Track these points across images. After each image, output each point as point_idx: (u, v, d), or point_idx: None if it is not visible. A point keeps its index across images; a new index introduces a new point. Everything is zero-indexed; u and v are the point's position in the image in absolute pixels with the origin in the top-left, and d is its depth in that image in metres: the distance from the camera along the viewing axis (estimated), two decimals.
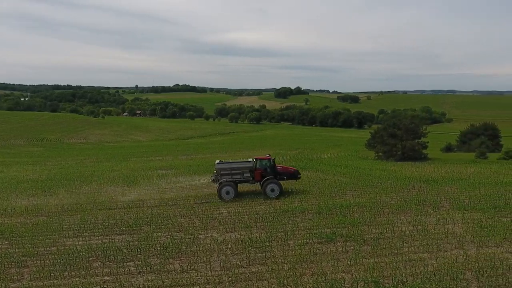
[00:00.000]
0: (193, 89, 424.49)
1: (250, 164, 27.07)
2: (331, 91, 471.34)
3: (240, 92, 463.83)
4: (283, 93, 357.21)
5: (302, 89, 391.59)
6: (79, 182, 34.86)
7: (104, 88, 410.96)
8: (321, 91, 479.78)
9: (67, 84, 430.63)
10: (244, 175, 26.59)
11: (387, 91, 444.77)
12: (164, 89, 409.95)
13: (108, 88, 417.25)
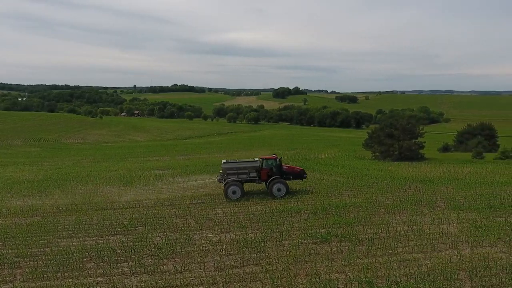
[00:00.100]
0: (192, 89, 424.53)
1: (256, 163, 27.11)
2: (329, 91, 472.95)
3: (239, 92, 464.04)
4: (281, 93, 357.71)
5: (300, 89, 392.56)
6: (75, 183, 34.75)
7: (102, 88, 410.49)
8: (319, 91, 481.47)
9: (65, 84, 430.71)
10: (251, 174, 26.63)
11: (385, 91, 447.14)
12: (163, 89, 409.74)
13: (106, 88, 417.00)
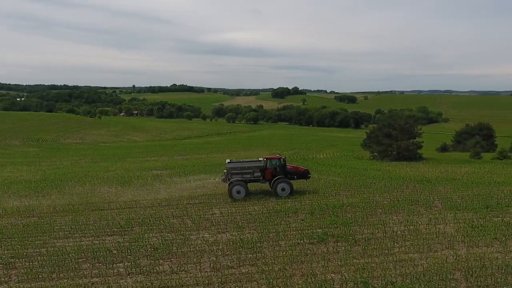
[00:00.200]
0: (191, 89, 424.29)
1: (260, 163, 27.13)
2: (328, 91, 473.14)
3: (238, 92, 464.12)
4: (280, 93, 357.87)
5: (299, 89, 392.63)
6: (73, 183, 34.68)
7: (101, 88, 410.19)
8: (318, 91, 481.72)
9: (64, 84, 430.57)
10: (255, 174, 26.66)
11: (384, 91, 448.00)
12: (162, 89, 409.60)
13: (105, 88, 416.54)
